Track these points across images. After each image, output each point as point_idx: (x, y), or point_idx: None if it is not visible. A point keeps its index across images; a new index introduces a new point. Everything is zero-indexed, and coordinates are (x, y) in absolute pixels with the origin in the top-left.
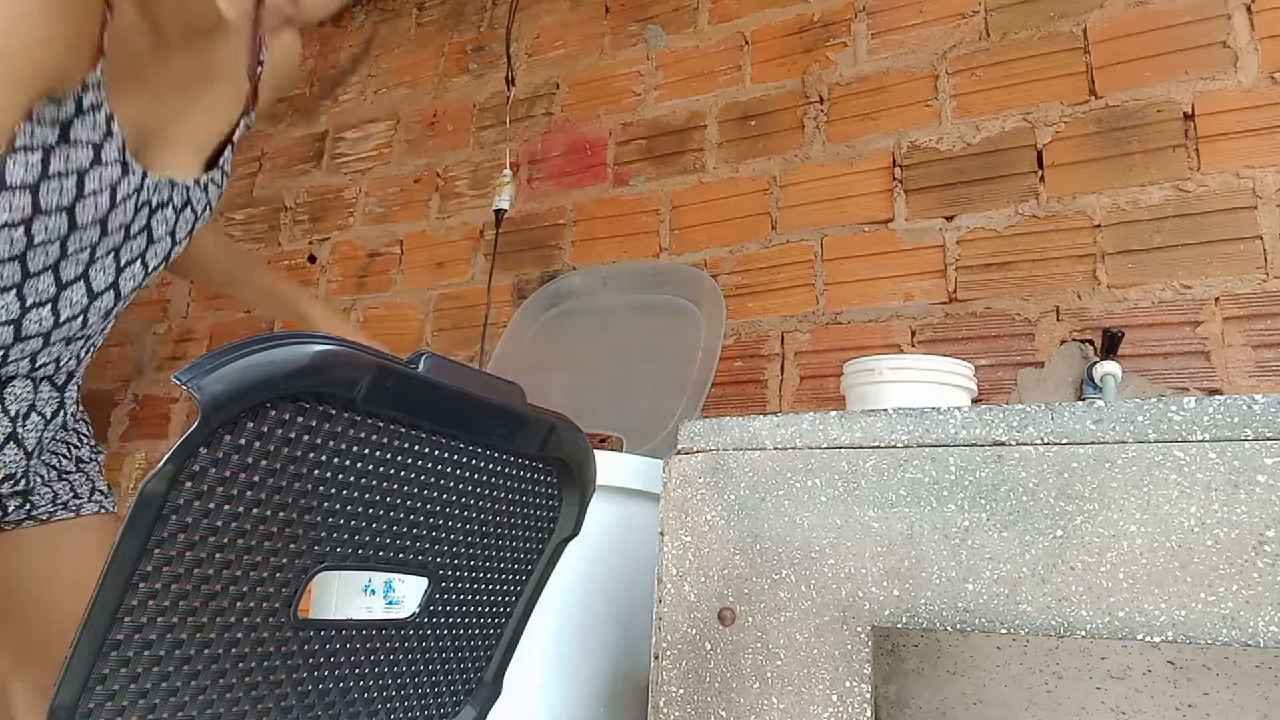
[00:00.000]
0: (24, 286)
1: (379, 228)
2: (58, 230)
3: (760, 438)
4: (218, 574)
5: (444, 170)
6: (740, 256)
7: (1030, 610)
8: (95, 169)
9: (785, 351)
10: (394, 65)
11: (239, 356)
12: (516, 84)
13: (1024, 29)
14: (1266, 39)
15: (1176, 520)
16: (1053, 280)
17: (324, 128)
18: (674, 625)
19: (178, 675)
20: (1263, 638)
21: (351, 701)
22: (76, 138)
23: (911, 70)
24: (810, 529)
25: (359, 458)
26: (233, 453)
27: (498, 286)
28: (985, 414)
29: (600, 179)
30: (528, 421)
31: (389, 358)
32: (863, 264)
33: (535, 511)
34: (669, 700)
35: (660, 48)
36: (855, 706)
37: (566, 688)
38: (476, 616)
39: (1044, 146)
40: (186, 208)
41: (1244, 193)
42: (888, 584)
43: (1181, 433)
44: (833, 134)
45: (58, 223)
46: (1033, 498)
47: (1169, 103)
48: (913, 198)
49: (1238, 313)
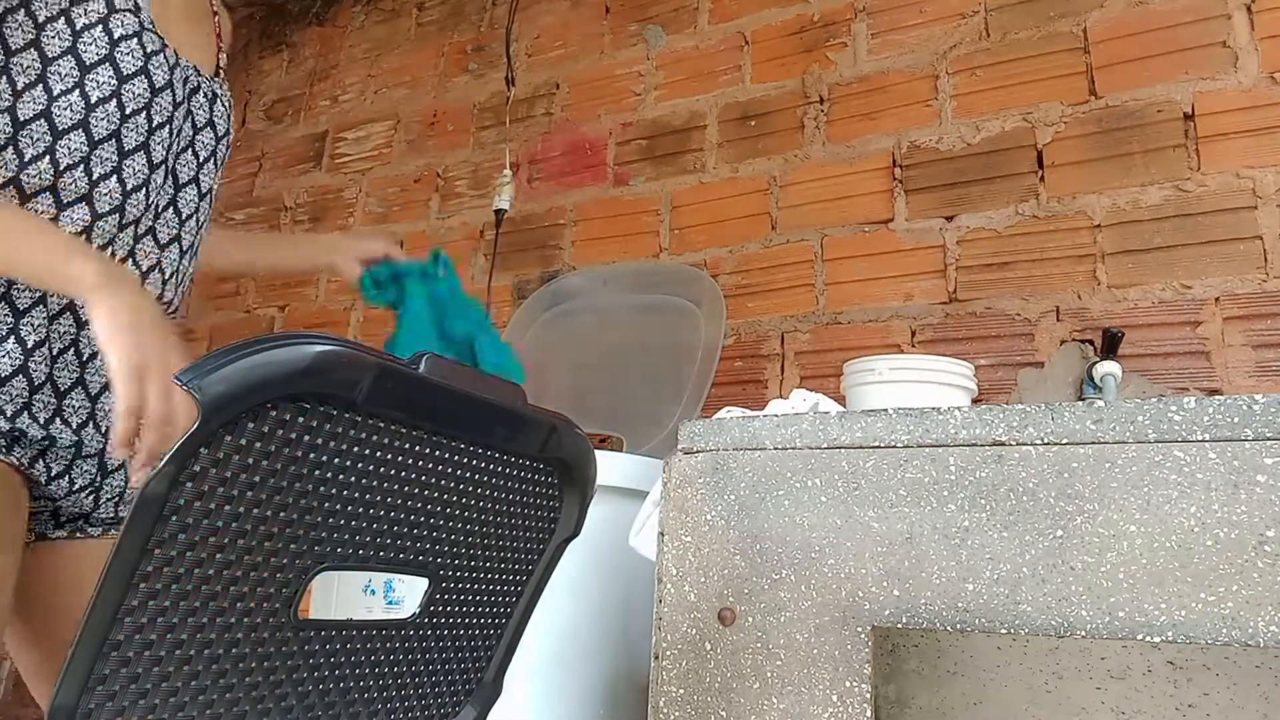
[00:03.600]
0: (90, 158)
1: (379, 228)
2: (143, 95)
3: (760, 438)
4: (218, 574)
5: (444, 170)
6: (740, 256)
7: (1030, 610)
8: (142, 35)
9: (785, 351)
10: (394, 65)
11: (240, 357)
12: (516, 84)
13: (1024, 29)
14: (1266, 39)
15: (1176, 520)
16: (1053, 280)
17: (324, 128)
18: (674, 625)
19: (178, 675)
20: (1263, 638)
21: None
22: (121, 5)
23: (911, 70)
24: (810, 529)
25: (359, 458)
26: (233, 453)
27: (498, 286)
28: (985, 414)
29: (600, 179)
30: (528, 422)
31: (390, 358)
32: (863, 264)
33: (536, 512)
34: (669, 700)
35: (660, 48)
36: (855, 706)
37: (566, 688)
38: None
39: (1044, 146)
40: (216, 101)
41: (1244, 193)
42: (888, 584)
43: (1181, 433)
44: (833, 134)
45: (142, 87)
46: (1033, 498)
47: (1169, 103)
48: (913, 198)
49: (1238, 313)
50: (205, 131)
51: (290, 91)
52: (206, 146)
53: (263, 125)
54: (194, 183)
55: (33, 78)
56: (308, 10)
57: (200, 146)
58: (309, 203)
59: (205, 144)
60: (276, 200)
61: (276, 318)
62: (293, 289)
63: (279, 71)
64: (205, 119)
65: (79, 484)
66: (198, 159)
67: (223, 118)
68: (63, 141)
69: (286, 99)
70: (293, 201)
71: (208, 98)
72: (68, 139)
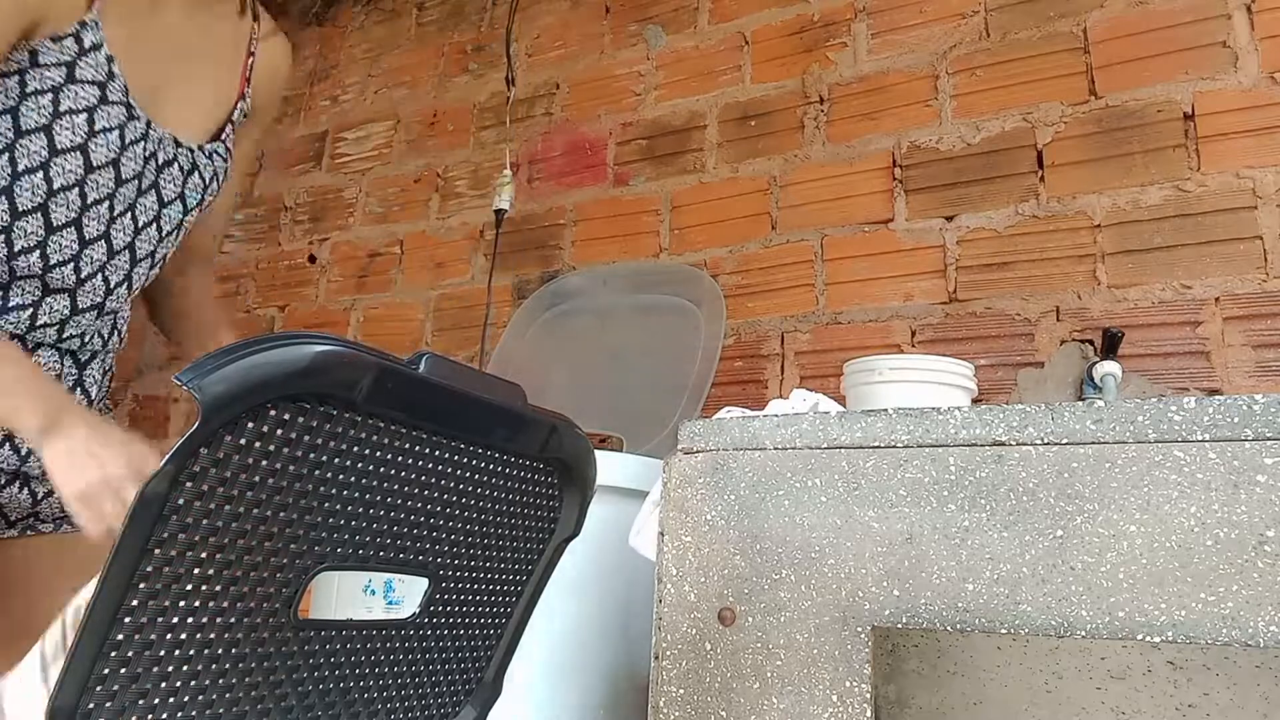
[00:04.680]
0: (48, 242)
1: (379, 228)
2: (75, 172)
3: (760, 438)
4: (218, 574)
5: (444, 170)
6: (740, 256)
7: (1030, 610)
8: (103, 108)
9: (785, 351)
10: (394, 65)
11: (240, 357)
12: (516, 84)
13: (1024, 29)
14: (1266, 39)
15: (1176, 520)
16: (1053, 280)
17: (324, 128)
18: (674, 625)
19: (178, 675)
20: (1263, 638)
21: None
22: (81, 77)
23: (911, 70)
24: (810, 529)
25: (359, 458)
26: (233, 453)
27: (498, 286)
28: (985, 414)
29: (600, 179)
30: (528, 422)
31: (390, 358)
32: (863, 264)
33: (536, 512)
34: (669, 700)
35: (660, 48)
36: (855, 706)
37: (566, 688)
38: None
39: (1044, 146)
40: (194, 172)
41: (1244, 193)
42: (888, 584)
43: (1181, 433)
44: (833, 134)
45: (74, 163)
46: (1033, 498)
47: (1169, 103)
48: (913, 198)
49: (1238, 313)
50: (173, 205)
51: (290, 91)
52: (172, 220)
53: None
54: (149, 257)
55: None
56: (308, 10)
57: (165, 220)
58: (309, 203)
59: (171, 217)
60: (276, 200)
61: (276, 318)
62: (293, 289)
63: None
64: (175, 193)
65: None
66: (160, 233)
67: (195, 190)
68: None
69: (286, 99)
70: (293, 201)
71: (183, 170)
72: None
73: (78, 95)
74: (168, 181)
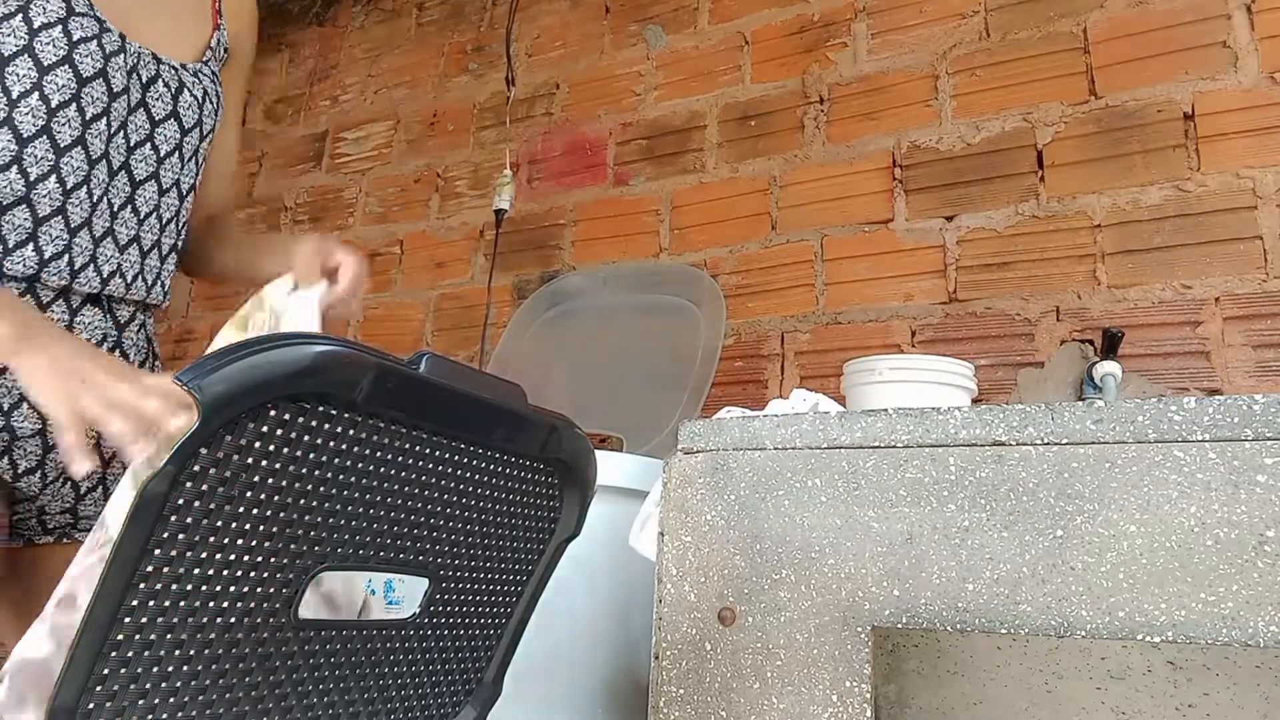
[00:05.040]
0: (60, 164)
1: (379, 228)
2: (69, 87)
3: (760, 438)
4: (218, 574)
5: (444, 170)
6: (740, 256)
7: (1030, 610)
8: (74, 19)
9: (785, 351)
10: (394, 65)
11: (240, 357)
12: (516, 84)
13: (1024, 29)
14: (1266, 39)
15: (1176, 520)
16: (1053, 280)
17: (324, 128)
18: (674, 625)
19: (178, 675)
20: (1263, 638)
21: (351, 701)
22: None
23: (911, 70)
24: (810, 529)
25: (359, 458)
26: (233, 453)
27: (498, 286)
28: (985, 414)
29: (600, 179)
30: (529, 422)
31: (390, 358)
32: (863, 264)
33: (536, 512)
34: (669, 700)
35: (660, 48)
36: (855, 706)
37: (567, 688)
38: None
39: (1044, 146)
40: (182, 91)
41: (1244, 193)
42: (888, 584)
43: (1181, 433)
44: (833, 134)
45: (65, 77)
46: (1033, 498)
47: (1169, 103)
48: (913, 198)
49: (1238, 313)
50: (167, 124)
51: (290, 91)
52: (169, 140)
53: (263, 125)
54: (153, 179)
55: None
56: (308, 10)
57: (161, 140)
58: (309, 203)
59: (168, 137)
60: (276, 200)
61: None
62: None
63: (279, 71)
64: (167, 110)
65: (51, 477)
66: (158, 154)
67: (190, 108)
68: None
69: (286, 99)
70: (293, 201)
71: (170, 87)
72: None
73: (45, 8)
74: (154, 99)
